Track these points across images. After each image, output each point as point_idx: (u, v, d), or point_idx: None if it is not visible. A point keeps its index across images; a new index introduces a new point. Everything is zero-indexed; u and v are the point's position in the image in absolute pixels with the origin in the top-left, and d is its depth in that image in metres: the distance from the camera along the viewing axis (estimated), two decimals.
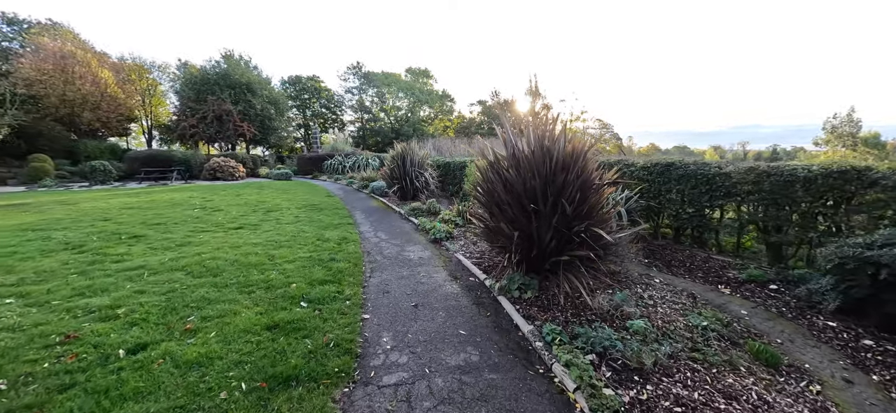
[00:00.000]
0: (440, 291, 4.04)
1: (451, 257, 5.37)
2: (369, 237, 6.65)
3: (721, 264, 5.19)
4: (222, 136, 27.54)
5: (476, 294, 3.98)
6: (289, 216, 8.44)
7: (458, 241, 6.25)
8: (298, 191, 14.15)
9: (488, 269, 4.74)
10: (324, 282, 4.16)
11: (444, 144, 19.81)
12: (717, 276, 4.81)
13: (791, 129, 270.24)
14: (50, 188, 15.84)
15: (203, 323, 3.15)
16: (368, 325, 3.22)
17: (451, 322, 3.30)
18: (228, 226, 7.21)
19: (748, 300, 4.03)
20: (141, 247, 5.59)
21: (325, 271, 4.52)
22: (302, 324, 3.12)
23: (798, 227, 4.90)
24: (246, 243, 5.85)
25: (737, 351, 2.79)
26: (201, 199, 11.07)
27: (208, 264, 4.71)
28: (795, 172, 4.76)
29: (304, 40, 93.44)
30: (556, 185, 3.70)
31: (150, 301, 3.58)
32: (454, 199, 10.39)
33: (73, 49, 25.14)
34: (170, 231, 6.67)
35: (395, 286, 4.19)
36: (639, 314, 3.18)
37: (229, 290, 3.90)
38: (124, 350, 2.72)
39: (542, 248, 3.82)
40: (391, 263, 5.06)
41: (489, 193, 4.16)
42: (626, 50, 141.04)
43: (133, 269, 4.54)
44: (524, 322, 3.18)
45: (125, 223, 7.27)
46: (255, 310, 3.40)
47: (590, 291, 3.61)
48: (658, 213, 6.61)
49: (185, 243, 5.82)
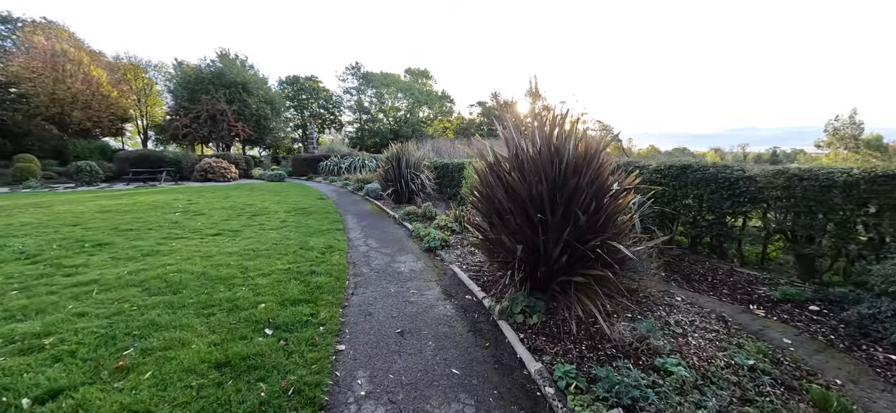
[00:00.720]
0: (431, 313, 3.49)
1: (445, 270, 4.82)
2: (358, 245, 6.10)
3: (747, 279, 4.64)
4: (216, 136, 27.00)
5: (473, 317, 3.42)
6: (274, 221, 7.89)
7: (455, 250, 5.71)
8: (290, 193, 13.60)
9: (487, 284, 4.19)
10: (298, 301, 3.61)
11: (442, 145, 19.28)
12: (745, 292, 4.26)
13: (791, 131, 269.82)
14: (34, 189, 15.26)
15: (141, 358, 2.59)
16: (342, 361, 2.67)
17: (443, 356, 2.75)
18: (206, 232, 6.66)
19: (788, 325, 3.48)
20: (102, 257, 5.04)
21: (302, 288, 3.97)
22: (260, 360, 2.57)
23: (834, 237, 4.36)
24: (220, 252, 5.30)
25: (797, 401, 2.24)
26: (186, 202, 10.52)
27: (171, 278, 4.16)
28: (833, 176, 4.23)
29: (302, 40, 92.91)
30: (566, 190, 3.16)
31: (88, 327, 3.02)
32: (451, 203, 9.84)
33: (67, 47, 24.64)
34: (140, 238, 6.12)
35: (380, 306, 3.64)
36: (668, 348, 2.64)
37: (185, 311, 3.34)
38: (30, 398, 2.17)
39: (549, 265, 3.28)
40: (378, 277, 4.51)
41: (488, 199, 3.62)
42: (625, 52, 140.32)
43: (83, 285, 3.98)
44: (530, 357, 2.63)
45: (94, 229, 6.71)
46: (208, 339, 2.84)
47: (606, 316, 3.06)
48: (672, 219, 6.06)
49: (153, 252, 5.27)
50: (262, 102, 29.37)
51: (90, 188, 15.56)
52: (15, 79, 20.53)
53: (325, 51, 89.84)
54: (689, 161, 5.87)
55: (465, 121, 45.74)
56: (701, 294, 4.24)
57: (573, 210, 3.04)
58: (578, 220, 3.00)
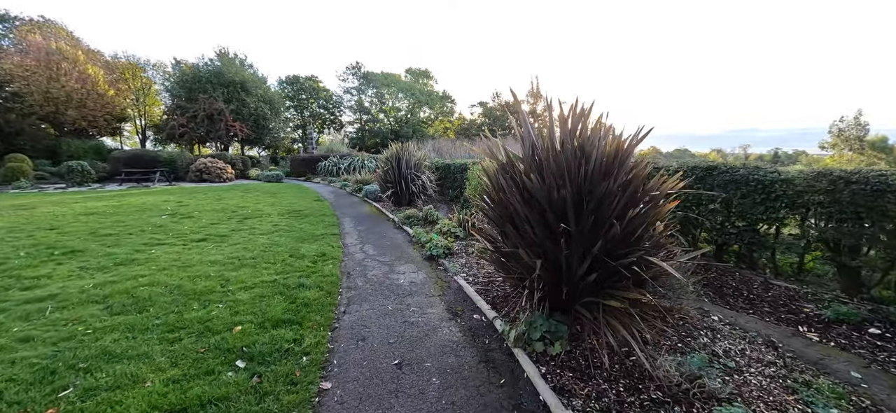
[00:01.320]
0: (435, 338, 3.00)
1: (450, 282, 4.33)
2: (354, 252, 5.62)
3: (787, 293, 4.15)
4: (214, 135, 26.55)
5: (483, 343, 2.94)
6: (266, 225, 7.41)
7: (459, 258, 5.22)
8: (286, 194, 13.12)
9: (498, 300, 3.70)
10: (281, 322, 3.13)
11: (444, 146, 18.80)
12: (788, 310, 3.77)
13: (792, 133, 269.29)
14: (23, 190, 14.80)
15: (79, 403, 2.11)
16: (326, 405, 2.18)
17: (449, 398, 2.26)
18: (191, 237, 6.18)
19: (848, 352, 2.99)
20: (71, 266, 4.56)
21: (287, 304, 3.49)
22: (225, 407, 2.09)
23: (887, 247, 3.88)
24: (202, 261, 4.82)
25: None
26: (176, 204, 10.04)
27: (139, 294, 3.68)
28: (886, 180, 3.74)
29: (302, 40, 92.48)
30: (594, 196, 2.67)
31: (28, 357, 2.55)
32: (454, 206, 9.36)
33: (64, 46, 24.21)
34: (118, 244, 5.64)
35: (376, 329, 3.15)
36: (726, 390, 2.15)
37: (147, 336, 2.86)
38: None
39: (574, 283, 2.80)
40: (375, 291, 4.02)
41: (501, 205, 3.13)
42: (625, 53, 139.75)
43: (39, 301, 3.51)
44: (557, 401, 2.15)
45: (71, 234, 6.24)
46: (167, 375, 2.36)
47: (643, 345, 2.57)
48: (696, 225, 5.57)
49: (128, 261, 4.79)
50: (261, 102, 28.90)
51: (81, 189, 15.09)
52: (8, 77, 20.10)
53: (326, 51, 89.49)
54: (714, 162, 5.39)
55: (466, 121, 45.24)
56: (739, 312, 3.75)
57: (605, 218, 2.55)
58: (611, 231, 2.51)
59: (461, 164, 9.76)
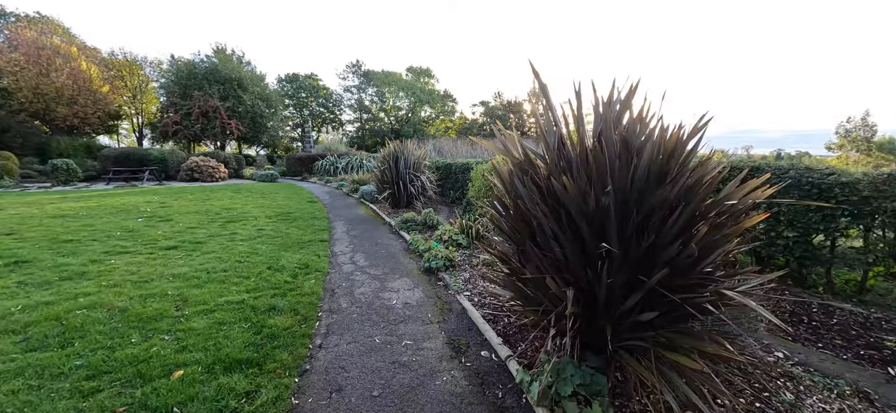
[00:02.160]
0: (432, 388, 2.32)
1: (451, 303, 3.65)
2: (342, 262, 4.94)
3: (856, 320, 3.46)
4: (209, 133, 25.89)
5: (495, 396, 2.25)
6: (250, 229, 6.74)
7: (462, 271, 4.54)
8: (278, 195, 12.45)
9: (511, 332, 3.02)
10: (235, 365, 2.45)
11: (445, 145, 18.11)
12: (863, 341, 3.08)
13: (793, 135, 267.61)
14: (6, 189, 14.17)
15: None
16: None
17: None
18: (162, 244, 5.51)
19: None
20: (7, 281, 3.89)
21: (250, 336, 2.81)
22: None
23: None
24: (163, 275, 4.15)
25: None
26: (157, 205, 9.38)
27: (72, 320, 3.00)
28: None
29: (302, 39, 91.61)
30: (644, 205, 1.99)
31: None
32: (455, 209, 8.68)
33: (58, 41, 23.61)
34: (75, 252, 4.97)
35: (357, 373, 2.47)
36: None
37: (58, 385, 2.18)
38: None
39: (615, 318, 2.11)
40: (361, 316, 3.34)
41: (518, 216, 2.45)
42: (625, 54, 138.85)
43: None
44: None
45: (28, 239, 5.57)
46: None
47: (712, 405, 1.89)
48: None
49: (77, 274, 4.12)
50: (258, 99, 28.24)
51: (65, 188, 14.45)
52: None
53: (326, 49, 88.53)
54: (755, 162, 4.71)
55: (468, 121, 44.57)
56: (805, 345, 3.06)
57: (665, 235, 1.87)
58: (673, 253, 1.83)
59: (464, 164, 9.08)
